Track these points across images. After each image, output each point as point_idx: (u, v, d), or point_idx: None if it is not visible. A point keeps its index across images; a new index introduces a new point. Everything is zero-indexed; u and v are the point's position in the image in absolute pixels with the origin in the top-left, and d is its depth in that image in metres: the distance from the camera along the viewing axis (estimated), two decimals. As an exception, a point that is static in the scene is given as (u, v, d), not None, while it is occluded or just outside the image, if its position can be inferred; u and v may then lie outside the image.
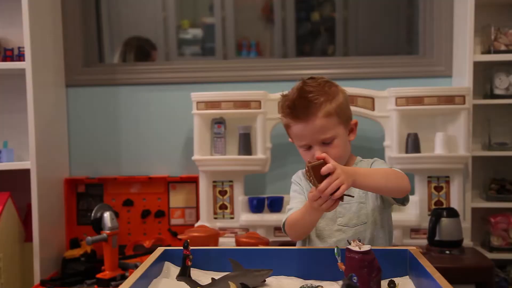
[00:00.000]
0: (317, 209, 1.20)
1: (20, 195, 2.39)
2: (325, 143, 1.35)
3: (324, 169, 1.13)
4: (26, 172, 2.27)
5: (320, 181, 1.14)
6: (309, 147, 1.37)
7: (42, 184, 2.32)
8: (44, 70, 2.40)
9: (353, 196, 1.29)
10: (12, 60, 2.38)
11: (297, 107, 1.34)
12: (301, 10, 3.20)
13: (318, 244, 1.41)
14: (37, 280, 2.27)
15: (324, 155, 1.17)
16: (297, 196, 1.45)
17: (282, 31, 3.11)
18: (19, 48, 2.38)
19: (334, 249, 1.09)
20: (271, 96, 2.35)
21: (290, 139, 1.46)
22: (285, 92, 1.41)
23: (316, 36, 3.27)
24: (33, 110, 2.26)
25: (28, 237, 2.38)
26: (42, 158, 2.33)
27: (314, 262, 1.22)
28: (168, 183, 2.60)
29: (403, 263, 1.20)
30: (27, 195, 2.28)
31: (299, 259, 1.24)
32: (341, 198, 1.16)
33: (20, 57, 2.36)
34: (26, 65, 2.25)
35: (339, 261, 1.09)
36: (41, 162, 2.32)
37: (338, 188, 1.13)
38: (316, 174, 1.14)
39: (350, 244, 1.10)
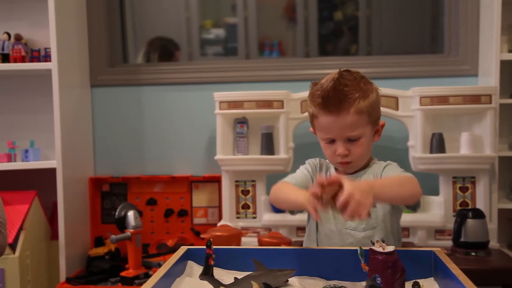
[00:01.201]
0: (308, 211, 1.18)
1: (46, 194, 2.43)
2: (350, 140, 1.33)
3: (343, 200, 1.07)
4: (52, 171, 2.31)
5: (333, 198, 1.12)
6: (332, 141, 1.34)
7: (68, 183, 2.36)
8: (70, 70, 2.44)
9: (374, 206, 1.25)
10: (38, 60, 2.42)
11: (330, 99, 1.30)
12: (324, 9, 3.18)
13: (325, 245, 1.39)
14: (63, 277, 2.31)
15: (336, 177, 1.13)
16: (302, 175, 1.42)
17: (305, 30, 3.09)
18: (45, 49, 2.42)
19: (357, 249, 1.09)
20: (294, 96, 2.34)
21: (311, 129, 1.43)
22: (316, 81, 1.37)
23: (339, 35, 3.25)
24: (59, 110, 2.30)
25: (54, 235, 2.42)
26: (68, 157, 2.36)
27: (337, 263, 1.21)
28: (191, 183, 2.62)
29: (428, 264, 1.19)
30: (53, 193, 2.32)
31: (322, 259, 1.23)
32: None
33: (47, 57, 2.40)
34: (52, 65, 2.28)
35: (362, 262, 1.08)
36: (67, 161, 2.35)
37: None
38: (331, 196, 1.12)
39: (373, 244, 1.09)
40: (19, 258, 2.17)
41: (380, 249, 1.06)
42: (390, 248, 1.06)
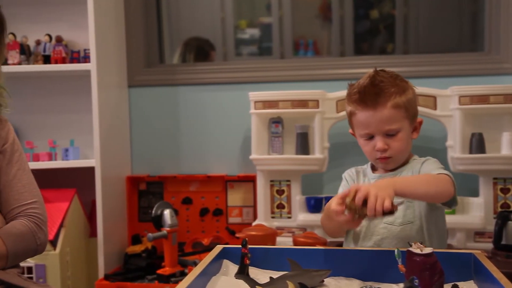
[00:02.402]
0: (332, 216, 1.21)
1: (85, 192, 2.48)
2: (389, 135, 1.34)
3: (359, 196, 1.12)
4: (91, 170, 2.36)
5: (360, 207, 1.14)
6: (371, 137, 1.36)
7: (106, 182, 2.40)
8: (108, 71, 2.49)
9: (393, 212, 1.24)
10: (78, 62, 2.48)
11: (367, 94, 1.34)
12: (360, 7, 3.15)
13: (361, 241, 1.39)
14: (101, 274, 2.35)
15: (355, 188, 1.15)
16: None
17: (340, 29, 3.07)
18: (85, 50, 2.47)
19: (394, 250, 1.07)
20: (329, 95, 2.33)
21: (350, 131, 1.45)
22: (353, 82, 1.41)
23: (375, 34, 3.21)
24: (97, 110, 2.34)
25: (93, 233, 2.48)
26: (106, 156, 2.41)
27: (374, 264, 1.20)
28: (226, 182, 2.63)
29: (467, 267, 1.16)
30: (92, 192, 2.37)
31: (358, 260, 1.22)
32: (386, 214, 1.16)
33: (86, 59, 2.45)
34: (91, 66, 2.33)
35: (399, 263, 1.06)
36: (105, 160, 2.40)
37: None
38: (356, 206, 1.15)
39: (411, 245, 1.07)
40: (60, 254, 2.22)
41: (418, 251, 1.05)
42: (428, 250, 1.05)
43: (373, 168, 1.46)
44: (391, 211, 1.14)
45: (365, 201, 1.14)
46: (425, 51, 2.96)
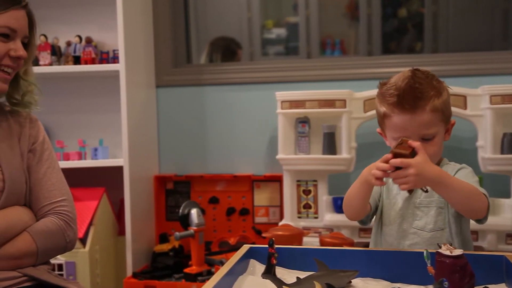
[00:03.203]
0: (370, 177, 1.22)
1: (114, 191, 2.51)
2: (425, 139, 1.31)
3: (398, 162, 1.16)
4: (119, 169, 2.39)
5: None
6: None
7: (134, 181, 2.43)
8: (136, 71, 2.51)
9: (426, 191, 1.24)
10: (107, 62, 2.51)
11: (406, 97, 1.29)
12: (388, 6, 3.12)
13: (390, 245, 1.37)
14: (129, 272, 2.38)
15: (417, 144, 1.17)
16: None
17: (368, 28, 3.05)
18: (114, 51, 2.50)
19: (423, 252, 1.06)
20: (356, 95, 2.31)
21: (378, 130, 1.43)
22: (384, 81, 1.38)
23: (403, 33, 3.18)
24: (126, 109, 2.37)
25: (121, 231, 2.51)
26: (134, 155, 2.44)
27: (402, 265, 1.18)
28: (253, 182, 2.64)
29: (499, 269, 1.14)
30: (120, 191, 2.39)
31: (386, 261, 1.21)
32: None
33: (115, 59, 2.48)
34: (120, 67, 2.36)
35: (428, 265, 1.05)
36: (133, 159, 2.42)
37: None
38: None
39: (440, 247, 1.06)
40: (89, 252, 2.26)
41: (448, 252, 1.03)
42: (458, 252, 1.03)
43: None
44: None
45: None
46: (455, 50, 2.92)
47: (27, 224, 1.32)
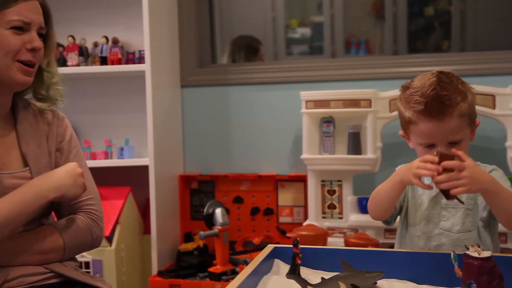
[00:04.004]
0: (409, 177, 1.20)
1: (140, 190, 2.54)
2: (451, 143, 1.29)
3: (453, 164, 1.14)
4: (145, 168, 2.41)
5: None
6: (431, 145, 1.31)
7: (159, 180, 2.45)
8: (162, 71, 2.53)
9: (463, 203, 1.23)
10: (133, 63, 2.53)
11: (433, 105, 1.27)
12: (414, 4, 3.09)
13: (416, 246, 1.36)
14: (154, 270, 2.40)
15: (461, 153, 1.16)
16: None
17: (393, 27, 3.02)
18: (139, 51, 2.53)
19: (450, 253, 1.04)
20: (382, 95, 2.29)
21: (401, 132, 1.40)
22: (407, 84, 1.35)
23: (430, 32, 3.14)
24: (151, 109, 2.39)
25: (147, 230, 2.53)
26: (159, 155, 2.46)
27: (428, 266, 1.17)
28: (277, 182, 2.63)
29: (529, 272, 1.12)
30: (146, 190, 2.41)
31: (412, 262, 1.19)
32: (447, 195, 1.15)
33: (141, 59, 2.50)
34: (145, 67, 2.38)
35: (456, 267, 1.03)
36: (159, 159, 2.44)
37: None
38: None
39: (468, 249, 1.04)
40: (115, 250, 2.29)
41: (476, 254, 1.01)
42: (487, 254, 1.01)
43: None
44: (456, 199, 1.16)
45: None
46: (483, 48, 2.87)
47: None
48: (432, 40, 3.14)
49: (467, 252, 1.03)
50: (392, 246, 1.54)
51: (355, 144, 2.32)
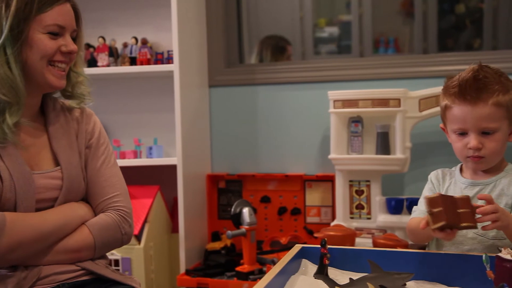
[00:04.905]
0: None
1: (168, 189, 2.57)
2: (484, 133, 1.28)
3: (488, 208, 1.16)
4: (173, 168, 2.43)
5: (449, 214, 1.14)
6: (464, 134, 1.30)
7: (187, 179, 2.47)
8: (190, 71, 2.55)
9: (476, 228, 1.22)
10: (162, 63, 2.56)
11: (468, 87, 1.28)
12: (444, 2, 3.04)
13: (448, 249, 1.34)
14: (182, 269, 2.42)
15: (488, 196, 1.19)
16: None
17: (423, 25, 2.97)
18: (168, 51, 2.55)
19: (481, 256, 1.02)
20: (411, 94, 2.26)
21: (441, 125, 1.41)
22: (453, 75, 1.37)
23: (461, 30, 3.08)
24: (179, 109, 2.41)
25: (175, 229, 2.55)
26: (187, 154, 2.48)
27: (459, 268, 1.15)
28: (304, 181, 2.62)
29: None
30: (174, 189, 2.43)
31: (442, 264, 1.18)
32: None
33: (169, 60, 2.53)
34: (174, 67, 2.40)
35: (487, 269, 1.01)
36: (187, 158, 2.46)
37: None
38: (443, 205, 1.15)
39: (500, 251, 1.02)
40: (144, 248, 2.32)
41: (508, 256, 0.99)
42: (520, 256, 0.99)
43: (462, 171, 1.41)
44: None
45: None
46: (517, 46, 2.80)
47: (83, 218, 1.36)
48: (463, 38, 3.08)
49: (500, 254, 1.01)
50: (422, 247, 1.52)
51: (384, 144, 2.29)
